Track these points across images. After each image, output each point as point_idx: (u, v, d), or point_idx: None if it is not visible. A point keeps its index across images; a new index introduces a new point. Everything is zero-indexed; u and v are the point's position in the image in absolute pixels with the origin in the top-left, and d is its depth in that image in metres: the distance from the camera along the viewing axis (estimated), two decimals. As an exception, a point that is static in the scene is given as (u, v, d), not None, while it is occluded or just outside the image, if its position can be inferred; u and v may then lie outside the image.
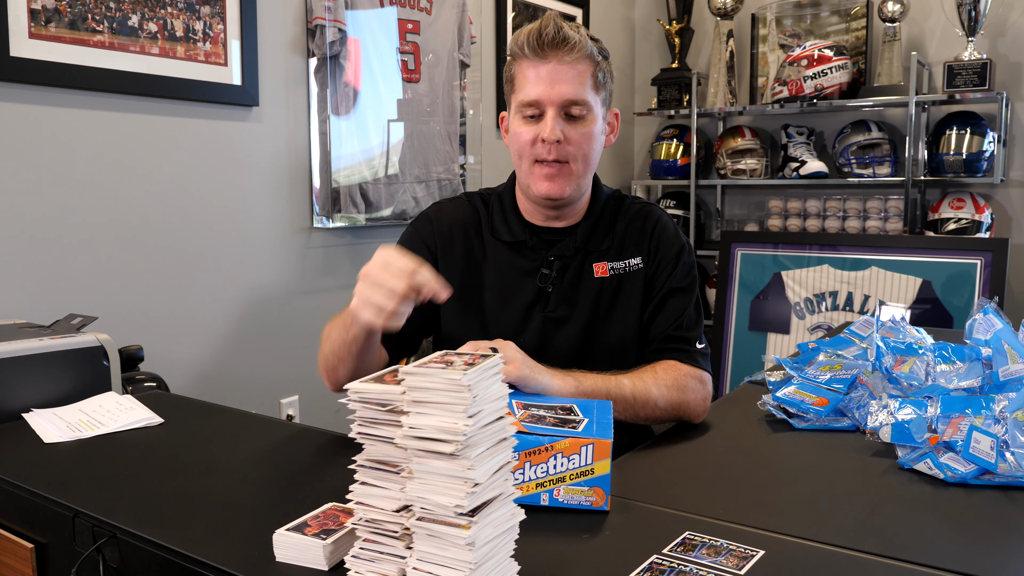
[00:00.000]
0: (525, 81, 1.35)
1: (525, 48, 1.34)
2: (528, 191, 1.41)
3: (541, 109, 1.35)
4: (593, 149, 1.40)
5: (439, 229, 1.47)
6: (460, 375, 0.69)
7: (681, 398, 1.33)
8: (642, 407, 1.30)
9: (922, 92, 3.37)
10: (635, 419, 1.31)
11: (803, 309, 3.47)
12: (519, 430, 0.96)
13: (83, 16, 1.98)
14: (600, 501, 0.98)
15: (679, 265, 1.44)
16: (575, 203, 1.44)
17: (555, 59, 1.33)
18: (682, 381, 1.35)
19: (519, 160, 1.40)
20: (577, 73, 1.34)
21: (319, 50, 2.55)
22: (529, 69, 1.35)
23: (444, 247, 1.46)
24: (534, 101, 1.34)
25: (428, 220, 1.49)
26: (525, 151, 1.37)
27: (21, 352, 1.41)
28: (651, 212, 1.49)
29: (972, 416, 1.14)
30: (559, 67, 1.33)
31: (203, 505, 1.02)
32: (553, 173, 1.36)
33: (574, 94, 1.34)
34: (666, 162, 3.97)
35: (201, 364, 2.31)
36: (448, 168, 3.00)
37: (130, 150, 2.12)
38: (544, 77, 1.33)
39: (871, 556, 0.87)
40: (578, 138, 1.36)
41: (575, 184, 1.38)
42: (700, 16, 4.06)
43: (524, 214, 1.47)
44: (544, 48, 1.33)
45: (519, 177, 1.43)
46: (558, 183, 1.36)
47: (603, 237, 1.45)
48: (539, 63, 1.34)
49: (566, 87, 1.33)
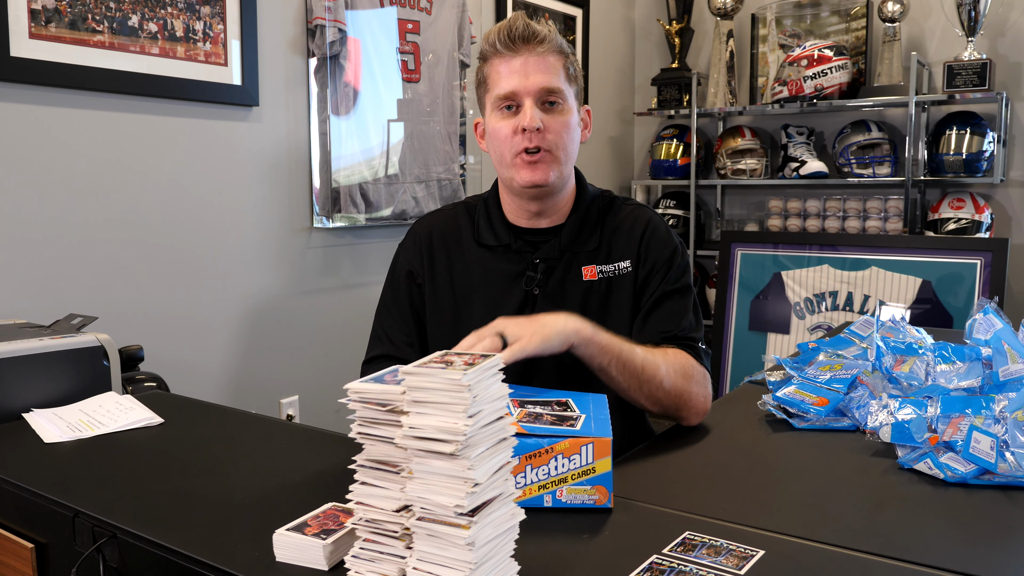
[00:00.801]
0: (499, 77, 1.37)
1: (497, 44, 1.37)
2: (512, 184, 1.41)
3: (518, 101, 1.36)
4: (572, 139, 1.41)
5: (423, 247, 1.49)
6: (460, 375, 0.69)
7: (685, 387, 1.32)
8: (648, 382, 1.28)
9: (922, 92, 3.37)
10: (637, 393, 1.28)
11: (803, 309, 3.47)
12: (518, 432, 0.96)
13: (83, 16, 1.98)
14: (603, 499, 0.98)
15: (672, 267, 1.43)
16: (558, 194, 1.44)
17: (527, 52, 1.36)
18: (689, 371, 1.33)
19: (500, 157, 1.41)
20: (549, 64, 1.37)
21: (319, 50, 2.55)
22: (502, 65, 1.37)
23: (429, 263, 1.48)
24: (510, 93, 1.36)
25: (411, 242, 1.52)
26: (506, 145, 1.38)
27: (21, 352, 1.41)
28: (642, 214, 1.47)
29: (972, 416, 1.14)
30: (531, 58, 1.36)
31: (203, 505, 1.02)
32: (535, 160, 1.37)
33: (549, 83, 1.36)
34: (666, 162, 3.97)
35: (201, 364, 2.31)
36: (448, 168, 3.00)
37: (130, 150, 2.12)
38: (518, 69, 1.36)
39: (871, 556, 0.87)
40: (557, 126, 1.37)
41: (557, 171, 1.39)
42: (700, 16, 4.06)
43: (509, 216, 1.47)
44: (515, 42, 1.36)
45: (502, 174, 1.43)
46: (541, 169, 1.37)
47: (589, 237, 1.44)
48: (511, 57, 1.36)
49: (541, 76, 1.36)
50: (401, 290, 1.49)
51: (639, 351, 1.28)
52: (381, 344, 1.49)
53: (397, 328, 1.48)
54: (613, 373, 1.26)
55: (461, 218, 1.51)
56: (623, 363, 1.25)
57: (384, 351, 1.47)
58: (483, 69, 1.42)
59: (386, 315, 1.50)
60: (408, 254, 1.51)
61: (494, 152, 1.42)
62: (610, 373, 1.26)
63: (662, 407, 1.32)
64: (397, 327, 1.48)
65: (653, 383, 1.28)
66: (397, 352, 1.45)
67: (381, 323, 1.51)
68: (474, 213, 1.50)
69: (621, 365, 1.25)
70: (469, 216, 1.50)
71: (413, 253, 1.50)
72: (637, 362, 1.27)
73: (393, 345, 1.47)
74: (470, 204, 1.53)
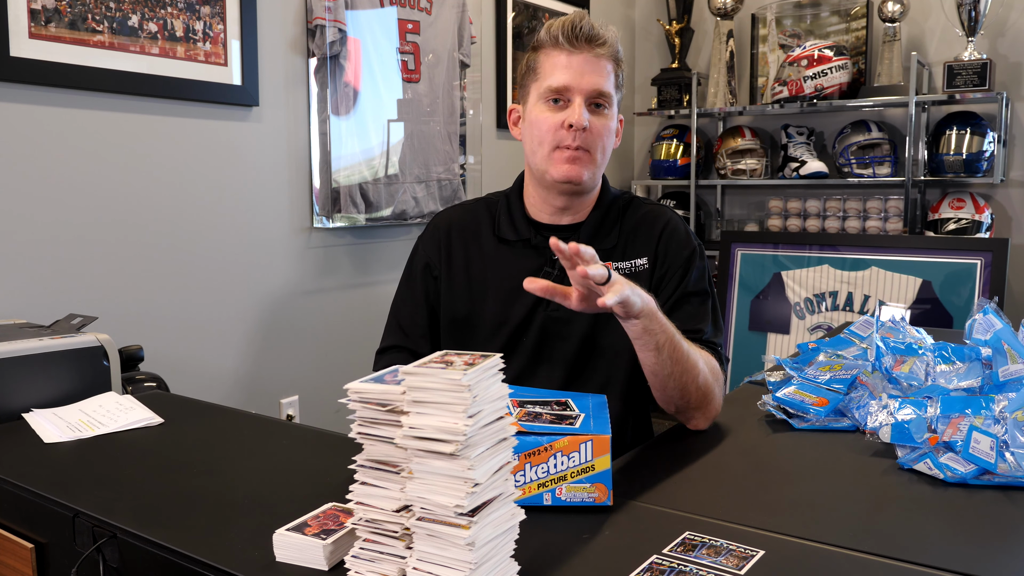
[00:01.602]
0: (554, 68, 1.38)
1: (560, 37, 1.37)
2: (544, 177, 1.41)
3: (568, 97, 1.37)
4: (610, 143, 1.42)
5: (442, 240, 1.50)
6: (460, 375, 0.69)
7: (713, 388, 1.31)
8: (688, 371, 1.25)
9: (922, 92, 3.37)
10: (674, 382, 1.25)
11: (803, 309, 3.47)
12: (517, 430, 0.96)
13: (83, 16, 1.98)
14: (603, 497, 0.98)
15: (692, 268, 1.42)
16: (586, 195, 1.45)
17: (587, 51, 1.37)
18: (717, 371, 1.33)
19: (537, 146, 1.40)
20: (604, 68, 1.38)
21: (319, 50, 2.55)
22: (558, 58, 1.38)
23: (447, 256, 1.49)
24: (562, 87, 1.37)
25: (430, 234, 1.53)
26: (547, 137, 1.38)
27: (21, 352, 1.41)
28: (662, 214, 1.48)
29: (972, 416, 1.14)
30: (590, 59, 1.37)
31: (203, 505, 1.02)
32: (575, 157, 1.38)
33: (602, 85, 1.37)
34: (666, 162, 3.97)
35: (201, 364, 2.31)
36: (448, 168, 3.00)
37: (130, 150, 2.12)
38: (575, 66, 1.36)
39: (871, 556, 0.87)
40: (600, 128, 1.39)
41: (592, 172, 1.40)
42: (700, 16, 4.06)
43: (531, 211, 1.48)
44: (579, 39, 1.37)
45: (535, 164, 1.43)
46: (578, 167, 1.38)
47: (608, 234, 1.45)
48: (571, 53, 1.37)
49: (595, 78, 1.37)
50: (417, 282, 1.51)
51: (685, 342, 1.26)
52: (394, 335, 1.51)
53: (411, 320, 1.49)
54: (664, 355, 1.22)
55: (481, 212, 1.52)
56: (674, 346, 1.22)
57: (396, 341, 1.49)
58: (536, 57, 1.42)
59: (401, 306, 1.52)
60: (426, 246, 1.52)
61: (530, 141, 1.42)
62: (662, 355, 1.22)
63: (686, 402, 1.29)
64: (411, 319, 1.50)
65: (691, 374, 1.26)
66: (409, 343, 1.48)
67: (396, 314, 1.53)
68: (494, 208, 1.51)
69: (672, 348, 1.22)
70: (489, 211, 1.51)
71: (431, 245, 1.51)
72: (684, 349, 1.24)
73: (406, 336, 1.49)
74: (491, 200, 1.54)
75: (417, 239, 1.57)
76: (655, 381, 1.26)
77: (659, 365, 1.23)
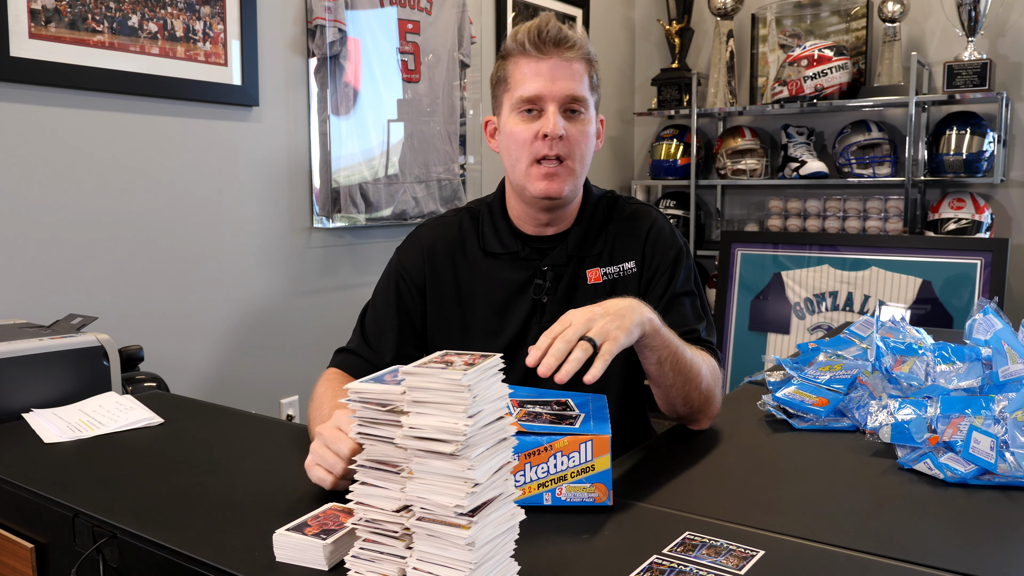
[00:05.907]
0: (523, 78, 1.33)
1: (526, 44, 1.32)
2: (523, 193, 1.37)
3: (541, 105, 1.32)
4: (589, 149, 1.38)
5: (426, 256, 1.44)
6: (460, 375, 0.69)
7: (715, 390, 1.30)
8: (691, 380, 1.23)
9: (922, 92, 3.37)
10: (677, 391, 1.23)
11: (803, 309, 3.47)
12: (517, 430, 0.96)
13: (83, 16, 1.98)
14: (603, 497, 0.98)
15: (680, 269, 1.41)
16: (568, 205, 1.41)
17: (556, 55, 1.32)
18: (716, 373, 1.32)
19: (515, 161, 1.36)
20: (576, 71, 1.33)
21: (319, 50, 2.55)
22: (527, 65, 1.33)
23: (432, 274, 1.44)
24: (534, 96, 1.32)
25: (412, 249, 1.47)
26: (524, 150, 1.34)
27: (21, 352, 1.41)
28: (646, 214, 1.45)
29: (972, 416, 1.14)
30: (560, 63, 1.32)
31: (203, 505, 1.02)
32: (552, 172, 1.33)
33: (575, 90, 1.32)
34: (666, 162, 3.97)
35: (201, 364, 2.31)
36: (448, 168, 3.00)
37: (130, 150, 2.12)
38: (545, 73, 1.31)
39: (871, 556, 0.87)
40: (577, 135, 1.34)
41: (572, 184, 1.36)
42: (700, 16, 4.06)
43: (515, 222, 1.44)
44: (546, 44, 1.31)
45: (514, 179, 1.39)
46: (556, 182, 1.33)
47: (595, 240, 1.42)
48: (539, 59, 1.32)
49: (568, 83, 1.32)
50: (391, 293, 1.45)
51: (688, 349, 1.24)
52: (356, 340, 1.45)
53: (374, 330, 1.44)
54: (667, 368, 1.19)
55: (465, 225, 1.46)
56: (678, 359, 1.20)
57: (356, 348, 1.44)
58: (504, 67, 1.37)
59: (370, 314, 1.47)
60: (407, 262, 1.46)
61: (507, 154, 1.38)
62: (664, 368, 1.19)
63: (689, 408, 1.28)
64: (373, 329, 1.44)
65: (694, 383, 1.25)
66: (365, 352, 1.42)
67: (362, 320, 1.47)
68: (478, 220, 1.46)
69: (676, 360, 1.20)
70: (473, 223, 1.46)
71: (412, 262, 1.45)
72: (687, 360, 1.22)
73: (368, 347, 1.43)
74: (473, 210, 1.49)
75: (396, 251, 1.50)
76: (658, 391, 1.26)
77: (661, 377, 1.21)
